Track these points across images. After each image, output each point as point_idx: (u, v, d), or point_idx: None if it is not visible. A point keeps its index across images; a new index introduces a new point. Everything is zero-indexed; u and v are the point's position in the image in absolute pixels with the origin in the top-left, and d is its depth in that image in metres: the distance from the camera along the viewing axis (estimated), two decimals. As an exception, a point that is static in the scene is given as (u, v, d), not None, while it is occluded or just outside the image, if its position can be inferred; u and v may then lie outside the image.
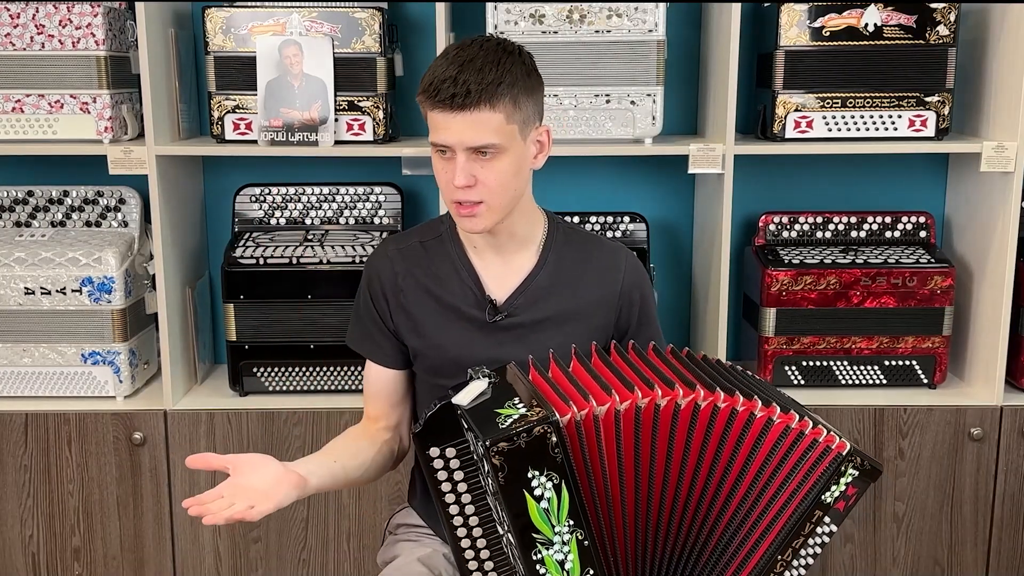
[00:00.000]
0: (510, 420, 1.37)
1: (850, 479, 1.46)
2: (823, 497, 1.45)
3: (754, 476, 1.46)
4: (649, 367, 1.52)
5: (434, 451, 1.47)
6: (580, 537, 1.39)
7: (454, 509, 1.47)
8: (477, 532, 1.48)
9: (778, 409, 1.45)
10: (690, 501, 1.48)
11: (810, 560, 1.50)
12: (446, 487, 1.47)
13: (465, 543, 1.48)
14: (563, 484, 1.37)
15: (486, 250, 1.71)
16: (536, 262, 1.71)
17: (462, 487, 1.47)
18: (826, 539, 1.50)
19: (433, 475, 1.47)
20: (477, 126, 1.53)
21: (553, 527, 1.38)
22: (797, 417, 1.45)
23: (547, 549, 1.38)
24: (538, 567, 1.39)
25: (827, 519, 1.47)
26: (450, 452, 1.46)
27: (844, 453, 1.44)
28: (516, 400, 1.41)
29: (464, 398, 1.44)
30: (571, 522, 1.38)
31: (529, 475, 1.36)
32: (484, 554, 1.48)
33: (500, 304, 1.69)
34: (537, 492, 1.37)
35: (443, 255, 1.72)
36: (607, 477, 1.43)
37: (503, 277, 1.71)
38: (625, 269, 1.75)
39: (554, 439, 1.35)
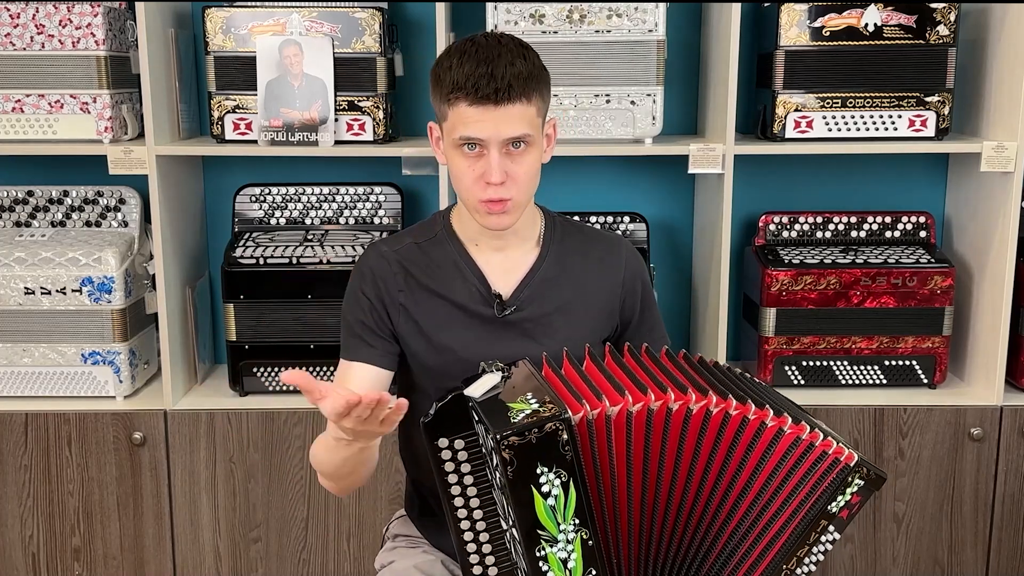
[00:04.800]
0: (522, 415, 1.36)
1: (856, 488, 1.45)
2: (829, 507, 1.45)
3: (762, 485, 1.45)
4: (662, 371, 1.51)
5: (443, 442, 1.46)
6: (585, 537, 1.38)
7: (459, 501, 1.47)
8: (481, 526, 1.47)
9: (789, 420, 1.44)
10: (696, 507, 1.47)
11: (812, 567, 1.50)
12: (452, 479, 1.46)
13: (468, 536, 1.47)
14: (571, 482, 1.36)
15: (488, 248, 1.69)
16: (538, 255, 1.70)
17: (468, 480, 1.46)
18: (829, 547, 1.49)
19: (440, 466, 1.46)
20: (514, 119, 1.54)
21: (558, 525, 1.37)
22: (808, 428, 1.44)
23: (551, 546, 1.38)
24: (541, 564, 1.38)
25: (831, 528, 1.47)
26: (459, 444, 1.46)
27: (852, 464, 1.43)
28: (529, 395, 1.40)
29: (476, 390, 1.43)
30: (576, 521, 1.38)
31: (538, 471, 1.35)
32: (486, 548, 1.48)
33: (506, 298, 1.67)
34: (545, 488, 1.36)
35: (442, 254, 1.70)
36: (615, 478, 1.42)
37: (506, 272, 1.69)
38: (626, 259, 1.75)
39: (565, 437, 1.35)
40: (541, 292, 1.69)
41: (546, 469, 1.35)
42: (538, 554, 1.38)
